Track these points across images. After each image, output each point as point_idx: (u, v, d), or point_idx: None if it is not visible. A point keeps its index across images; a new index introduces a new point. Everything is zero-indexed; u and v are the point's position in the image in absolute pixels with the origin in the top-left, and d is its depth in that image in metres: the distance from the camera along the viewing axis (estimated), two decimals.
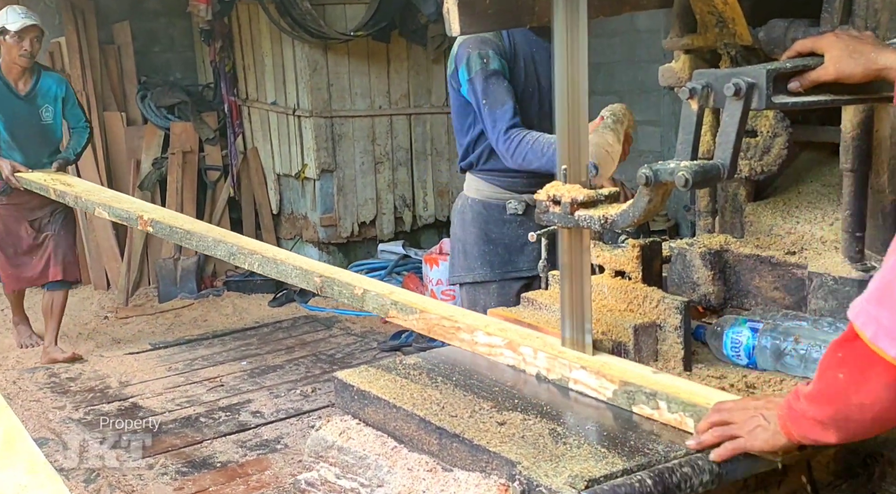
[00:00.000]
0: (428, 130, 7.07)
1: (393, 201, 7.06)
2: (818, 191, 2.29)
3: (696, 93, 1.60)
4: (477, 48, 2.76)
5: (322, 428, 1.99)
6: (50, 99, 5.22)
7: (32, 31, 5.02)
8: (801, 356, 1.83)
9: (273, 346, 5.60)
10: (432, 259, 5.58)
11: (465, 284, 2.97)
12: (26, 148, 5.15)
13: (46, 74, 5.28)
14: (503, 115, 2.71)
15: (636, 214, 1.68)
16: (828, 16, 1.91)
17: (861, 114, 1.92)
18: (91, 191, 4.27)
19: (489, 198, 2.94)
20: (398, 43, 6.85)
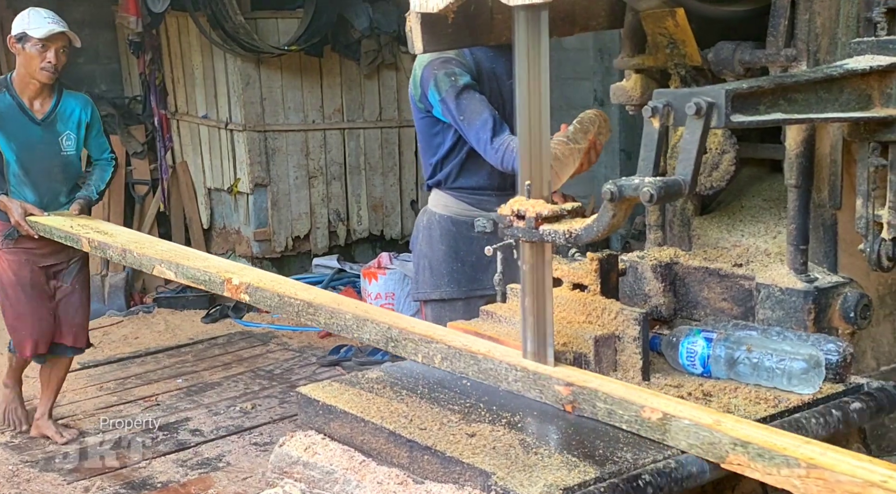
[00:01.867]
0: (361, 145, 7.07)
1: (327, 215, 7.03)
2: (760, 206, 2.39)
3: (658, 111, 1.66)
4: (443, 68, 2.77)
5: (286, 444, 1.98)
6: (72, 124, 4.06)
7: (60, 39, 3.89)
8: (754, 364, 1.91)
9: (209, 363, 5.51)
10: (371, 273, 5.58)
11: (431, 301, 2.98)
12: (41, 184, 4.03)
13: (69, 94, 4.12)
14: (483, 126, 2.72)
15: (600, 229, 1.73)
16: (773, 39, 2.00)
17: (804, 132, 2.02)
18: (141, 242, 3.23)
19: (458, 215, 2.96)
20: (331, 57, 6.85)
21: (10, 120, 3.94)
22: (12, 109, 3.95)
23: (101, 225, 3.79)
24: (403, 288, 5.44)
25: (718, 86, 1.65)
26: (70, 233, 3.56)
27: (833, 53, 1.99)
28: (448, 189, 2.95)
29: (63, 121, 4.04)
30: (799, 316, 2.02)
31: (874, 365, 2.26)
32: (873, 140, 1.91)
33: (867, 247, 1.98)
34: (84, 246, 3.46)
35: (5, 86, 3.95)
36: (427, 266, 2.98)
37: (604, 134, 2.43)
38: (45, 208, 3.95)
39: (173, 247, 3.09)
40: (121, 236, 3.42)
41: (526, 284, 1.93)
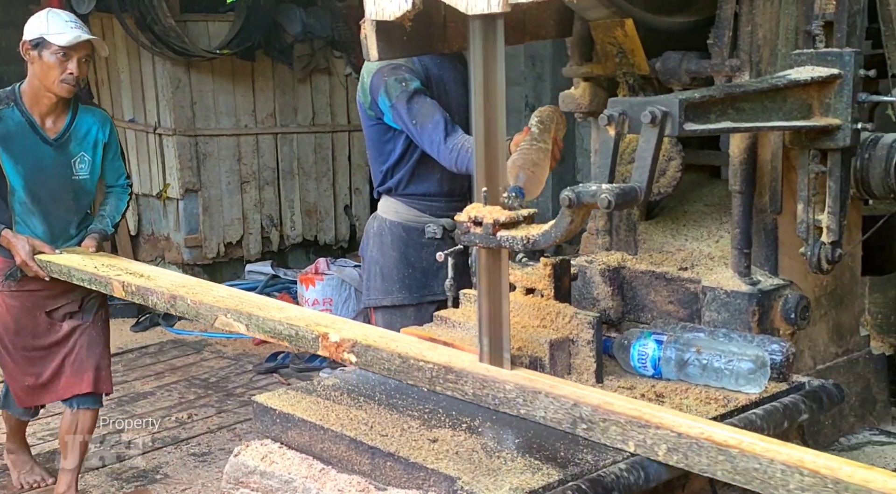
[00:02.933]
0: (295, 149, 7.02)
1: (260, 221, 6.95)
2: (702, 211, 2.47)
3: (614, 120, 1.71)
4: (392, 74, 2.77)
5: (241, 453, 1.97)
6: (87, 145, 3.39)
7: (84, 48, 3.24)
8: (703, 365, 1.96)
9: (141, 372, 5.39)
10: (308, 279, 5.53)
11: (382, 308, 2.98)
12: (50, 213, 3.37)
13: (86, 110, 3.43)
14: (435, 129, 2.71)
15: (558, 234, 1.76)
16: (718, 50, 2.07)
17: (747, 140, 2.10)
18: (190, 286, 2.67)
19: (408, 221, 2.96)
20: (263, 62, 6.78)
21: (19, 139, 3.28)
22: (21, 128, 3.28)
23: (130, 264, 3.20)
24: (341, 294, 5.41)
25: (672, 95, 1.70)
26: (96, 275, 2.97)
27: (774, 64, 2.07)
28: (399, 195, 2.96)
29: (77, 142, 3.37)
30: (744, 317, 2.09)
31: (811, 363, 2.35)
32: (813, 147, 1.99)
33: (808, 250, 2.06)
34: (116, 290, 2.87)
35: (13, 99, 3.30)
36: (378, 272, 2.98)
37: (561, 129, 2.44)
38: (53, 241, 3.35)
39: (233, 293, 2.52)
40: (161, 278, 2.84)
41: (482, 289, 1.95)
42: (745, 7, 2.04)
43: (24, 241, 3.23)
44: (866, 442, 2.43)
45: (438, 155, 2.73)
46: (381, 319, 2.96)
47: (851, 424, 2.47)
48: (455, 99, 2.91)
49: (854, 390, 2.45)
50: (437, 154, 2.74)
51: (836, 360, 2.41)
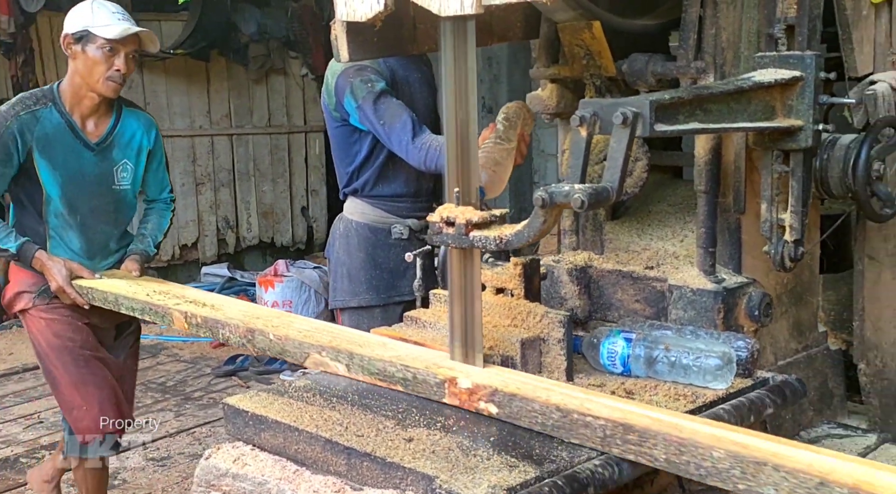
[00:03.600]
0: (251, 151, 6.97)
1: (216, 223, 6.89)
2: (666, 211, 2.51)
3: (585, 120, 1.73)
4: (358, 75, 2.77)
5: (212, 456, 1.95)
6: (131, 151, 3.03)
7: (132, 42, 2.88)
8: (671, 362, 2.00)
9: None
10: (267, 281, 5.49)
11: (349, 309, 2.97)
12: (89, 227, 2.98)
13: (130, 113, 3.06)
14: (403, 129, 2.72)
15: (531, 234, 1.78)
16: (683, 52, 2.10)
17: (712, 141, 2.14)
18: (267, 318, 2.31)
19: (375, 222, 2.96)
20: (218, 62, 6.73)
21: (58, 144, 2.91)
22: (61, 130, 2.91)
23: (185, 290, 2.78)
24: (301, 296, 5.38)
25: (643, 96, 1.73)
26: (150, 304, 2.58)
27: (737, 66, 2.11)
28: (365, 197, 2.96)
29: (120, 147, 3.01)
30: (710, 315, 2.13)
31: (772, 359, 2.41)
32: (776, 148, 2.04)
33: (771, 248, 2.11)
34: (177, 322, 2.49)
35: (51, 99, 2.93)
36: (345, 273, 2.98)
37: (528, 124, 2.44)
38: (91, 257, 2.99)
39: (320, 326, 2.20)
40: (228, 308, 2.46)
41: (454, 289, 1.96)
42: (709, 10, 2.08)
43: (61, 264, 2.86)
44: (825, 436, 2.49)
45: (407, 154, 2.73)
46: (347, 320, 2.96)
47: (810, 418, 2.53)
48: (421, 99, 2.92)
49: (813, 385, 2.51)
50: (405, 153, 2.74)
51: (796, 356, 2.47)
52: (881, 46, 2.41)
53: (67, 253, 2.94)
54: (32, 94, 2.94)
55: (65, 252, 2.94)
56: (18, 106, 2.88)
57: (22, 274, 2.99)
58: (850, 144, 2.20)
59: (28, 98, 2.92)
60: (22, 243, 2.87)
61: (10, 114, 2.85)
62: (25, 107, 2.88)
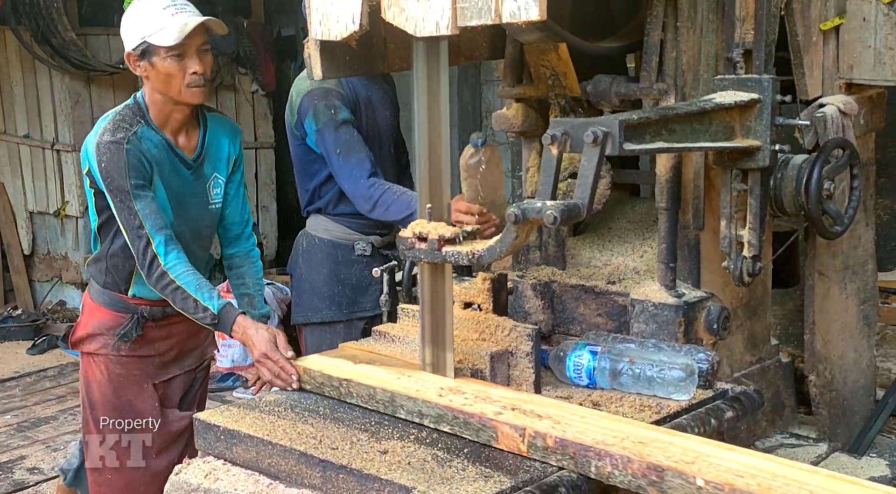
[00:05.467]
0: None
1: None
2: (625, 227, 2.57)
3: (557, 139, 1.78)
4: (323, 99, 2.78)
5: (182, 472, 1.94)
6: (221, 164, 2.63)
7: (199, 36, 2.42)
8: (636, 375, 2.05)
9: (41, 397, 5.18)
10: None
11: (312, 325, 2.98)
12: (191, 253, 2.48)
13: (214, 119, 2.64)
14: (360, 165, 2.74)
15: (503, 249, 1.82)
16: (646, 74, 2.17)
17: (673, 160, 2.21)
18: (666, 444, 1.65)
19: (338, 239, 2.97)
20: None
21: (164, 163, 2.49)
22: (162, 149, 2.49)
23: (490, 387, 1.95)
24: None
25: (612, 116, 1.79)
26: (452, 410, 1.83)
27: (697, 88, 2.19)
28: (328, 214, 2.97)
29: (211, 161, 2.60)
30: (671, 328, 2.19)
31: (729, 372, 2.48)
32: (735, 167, 2.12)
33: (731, 264, 2.19)
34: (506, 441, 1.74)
35: (142, 116, 2.48)
36: (308, 289, 2.98)
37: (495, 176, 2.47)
38: None
39: None
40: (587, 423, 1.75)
41: (425, 304, 1.99)
42: (669, 34, 2.15)
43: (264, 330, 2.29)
44: (779, 445, 2.58)
45: (354, 191, 2.75)
46: (310, 336, 2.97)
47: (764, 428, 2.62)
48: (382, 119, 2.96)
49: (766, 396, 2.59)
50: (352, 189, 2.75)
51: (751, 368, 2.55)
52: (829, 71, 2.52)
53: (153, 291, 2.46)
54: (121, 115, 2.47)
55: (150, 291, 2.47)
56: (119, 131, 2.41)
57: (101, 314, 2.61)
58: (802, 164, 2.29)
59: (120, 120, 2.45)
60: (225, 304, 2.35)
61: (118, 141, 2.38)
62: (125, 129, 2.42)
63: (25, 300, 6.88)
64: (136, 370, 2.61)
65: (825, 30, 2.44)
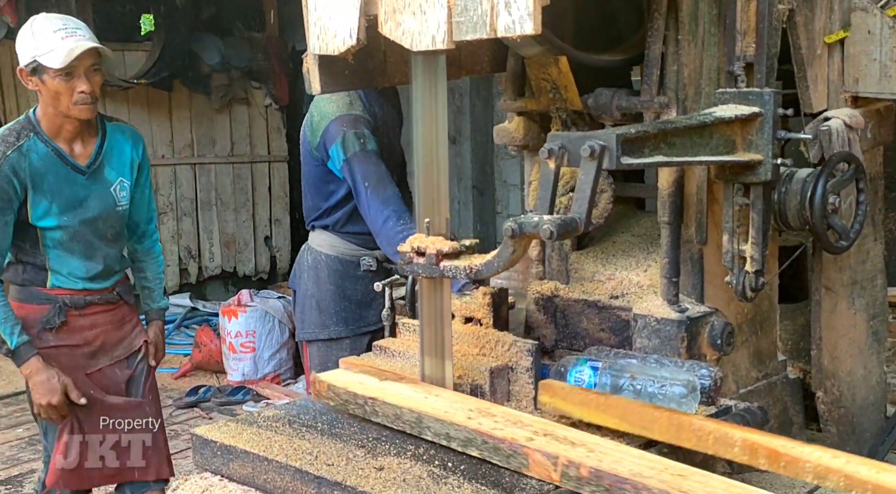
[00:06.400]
0: (213, 180, 6.95)
1: (178, 252, 6.83)
2: (630, 241, 2.55)
3: (554, 153, 1.77)
4: (353, 127, 2.79)
5: (180, 488, 1.94)
6: (125, 167, 2.85)
7: (89, 57, 2.63)
8: (637, 390, 2.03)
9: None
10: (231, 311, 5.45)
11: (318, 341, 2.98)
12: (95, 252, 2.82)
13: (115, 129, 2.88)
14: (388, 203, 2.74)
15: (500, 264, 1.81)
16: (647, 87, 2.16)
17: (675, 173, 2.19)
18: None
19: (344, 255, 2.98)
20: (181, 91, 6.71)
21: (50, 174, 2.72)
22: (48, 160, 2.72)
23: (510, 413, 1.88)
24: (265, 326, 5.35)
25: (610, 130, 1.78)
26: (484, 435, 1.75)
27: (698, 102, 2.18)
28: (335, 232, 2.98)
29: (112, 166, 2.83)
30: (673, 344, 2.17)
31: (734, 388, 2.45)
32: (737, 181, 2.09)
33: (733, 279, 2.16)
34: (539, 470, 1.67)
35: (32, 129, 2.72)
36: (314, 305, 2.98)
37: None
38: (94, 281, 2.83)
39: None
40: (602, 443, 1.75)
41: (424, 318, 1.98)
42: (671, 48, 2.14)
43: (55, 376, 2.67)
44: None
45: (381, 230, 2.73)
46: (316, 352, 2.97)
47: None
48: (394, 135, 2.97)
49: (773, 412, 2.56)
50: (378, 227, 2.74)
51: (757, 384, 2.52)
52: (834, 84, 2.49)
53: (70, 281, 2.77)
54: (10, 130, 2.72)
55: (67, 280, 2.77)
56: (2, 146, 2.66)
57: (24, 310, 2.76)
58: (807, 178, 2.27)
59: (8, 135, 2.70)
60: (24, 342, 2.66)
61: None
62: (10, 145, 2.67)
63: None
64: (66, 361, 2.78)
65: (829, 43, 2.42)
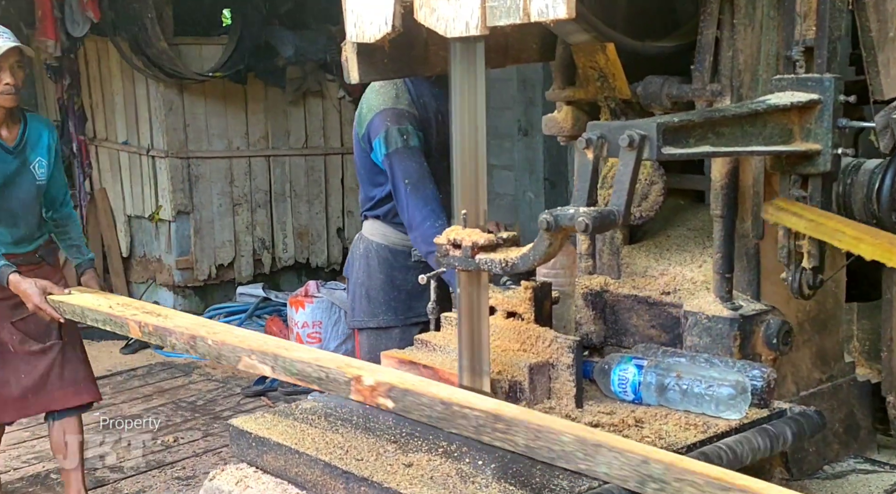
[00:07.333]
0: (287, 172, 7.03)
1: (252, 243, 6.95)
2: (685, 235, 2.46)
3: (592, 143, 1.70)
4: (396, 123, 2.78)
5: (216, 478, 1.95)
6: (42, 149, 3.54)
7: (12, 55, 3.30)
8: (683, 390, 1.95)
9: (128, 395, 5.37)
10: (298, 301, 5.51)
11: (368, 329, 2.98)
12: (19, 220, 3.48)
13: (33, 117, 3.62)
14: (431, 198, 2.75)
15: (536, 257, 1.75)
16: (699, 74, 2.07)
17: (728, 165, 2.09)
18: (210, 326, 2.48)
19: (395, 245, 2.98)
20: (255, 84, 6.81)
21: None
22: None
23: (144, 304, 3.05)
24: (331, 317, 5.39)
25: (650, 119, 1.70)
26: (111, 316, 2.83)
27: (755, 89, 2.07)
28: (387, 222, 2.97)
29: (33, 147, 3.52)
30: (725, 342, 2.08)
31: (794, 390, 2.33)
32: (794, 172, 1.99)
33: (789, 275, 2.05)
34: (133, 331, 2.73)
35: None
36: (364, 294, 3.00)
37: None
38: (19, 245, 3.47)
39: (255, 335, 2.33)
40: (178, 318, 2.67)
41: (462, 312, 1.94)
42: (726, 32, 2.04)
43: (33, 284, 3.21)
44: (850, 471, 2.41)
45: (417, 229, 2.75)
46: (365, 341, 2.97)
47: (836, 451, 2.45)
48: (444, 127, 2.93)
49: (838, 417, 2.43)
50: (415, 226, 2.76)
51: (820, 386, 2.39)
52: None
53: None
54: None
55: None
56: None
57: None
58: (875, 169, 2.14)
59: None
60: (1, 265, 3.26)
61: None
62: None
63: None
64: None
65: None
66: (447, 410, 1.74)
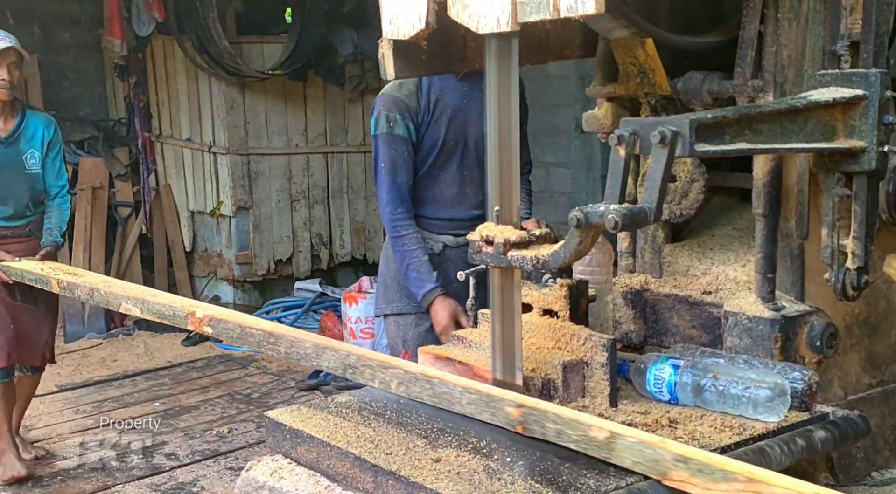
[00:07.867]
0: (344, 169, 7.10)
1: (309, 239, 7.04)
2: (730, 234, 2.41)
3: (624, 140, 1.68)
4: (387, 109, 2.89)
5: (252, 468, 1.98)
6: (36, 142, 4.11)
7: (8, 55, 3.88)
8: (720, 391, 1.91)
9: (187, 386, 5.49)
10: (351, 297, 5.57)
11: (389, 315, 3.06)
12: (9, 199, 4.09)
13: (33, 114, 4.20)
14: (402, 187, 2.92)
15: (567, 255, 1.74)
16: (740, 70, 2.03)
17: (771, 162, 2.05)
18: (109, 282, 3.29)
19: None
20: (315, 82, 6.89)
21: None
22: None
23: (72, 268, 3.91)
24: None
25: (683, 115, 1.67)
26: (40, 276, 3.64)
27: (799, 85, 2.02)
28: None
29: (26, 140, 4.08)
30: (766, 344, 2.04)
31: (841, 394, 2.27)
32: (838, 170, 1.93)
33: (832, 276, 2.00)
34: (53, 287, 3.51)
35: None
36: (383, 282, 3.11)
37: None
38: (14, 220, 4.10)
39: (139, 288, 3.13)
40: (89, 277, 3.52)
41: (495, 308, 1.93)
42: (769, 27, 2.00)
43: None
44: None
45: (384, 211, 2.97)
46: (390, 326, 3.04)
47: (886, 458, 2.38)
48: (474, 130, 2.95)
49: (889, 423, 2.36)
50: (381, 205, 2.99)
51: (870, 391, 2.33)
52: None
53: None
54: None
55: None
56: None
57: None
58: None
59: None
60: None
61: None
62: None
63: (185, 294, 7.29)
64: None
65: None
66: (242, 332, 2.30)
